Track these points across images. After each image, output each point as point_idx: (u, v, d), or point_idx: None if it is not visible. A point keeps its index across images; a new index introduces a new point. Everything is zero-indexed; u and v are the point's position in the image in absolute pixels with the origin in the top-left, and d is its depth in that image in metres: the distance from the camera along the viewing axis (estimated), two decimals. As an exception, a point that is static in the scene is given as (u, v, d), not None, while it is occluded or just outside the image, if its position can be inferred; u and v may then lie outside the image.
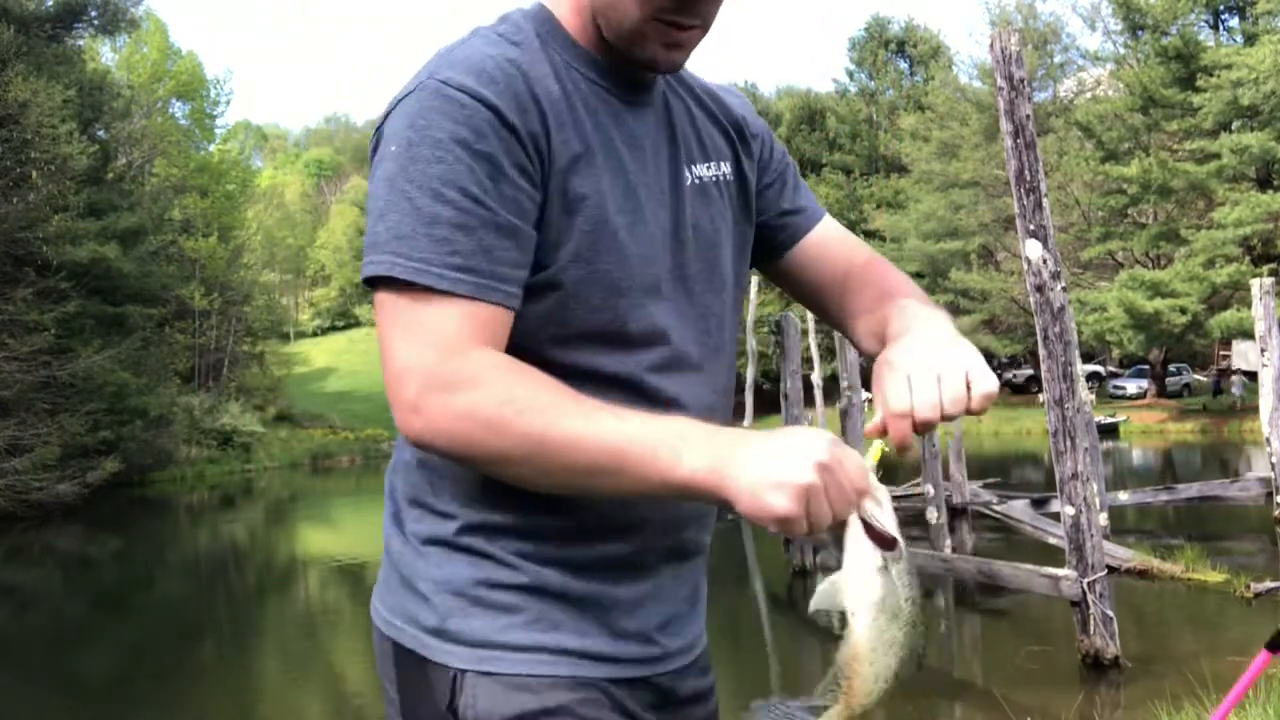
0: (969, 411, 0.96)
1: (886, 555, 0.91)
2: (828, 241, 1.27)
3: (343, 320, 68.17)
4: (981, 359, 0.99)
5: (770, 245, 1.26)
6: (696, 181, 1.13)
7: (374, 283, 0.97)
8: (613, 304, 1.03)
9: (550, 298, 1.01)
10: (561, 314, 1.02)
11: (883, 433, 0.96)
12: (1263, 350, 10.71)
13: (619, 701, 1.08)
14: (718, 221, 1.16)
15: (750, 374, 25.85)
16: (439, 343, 0.94)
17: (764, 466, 0.87)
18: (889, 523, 0.92)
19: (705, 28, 1.04)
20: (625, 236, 1.04)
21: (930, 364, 0.96)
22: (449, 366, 0.93)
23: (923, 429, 0.95)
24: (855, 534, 0.92)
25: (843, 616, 0.94)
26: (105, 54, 34.42)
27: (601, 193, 1.03)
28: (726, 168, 1.18)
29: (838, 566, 0.95)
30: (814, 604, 0.94)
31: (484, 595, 1.05)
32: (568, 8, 1.07)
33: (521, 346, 1.00)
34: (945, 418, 0.95)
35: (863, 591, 0.92)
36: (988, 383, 0.96)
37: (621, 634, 1.09)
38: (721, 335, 1.17)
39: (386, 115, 1.03)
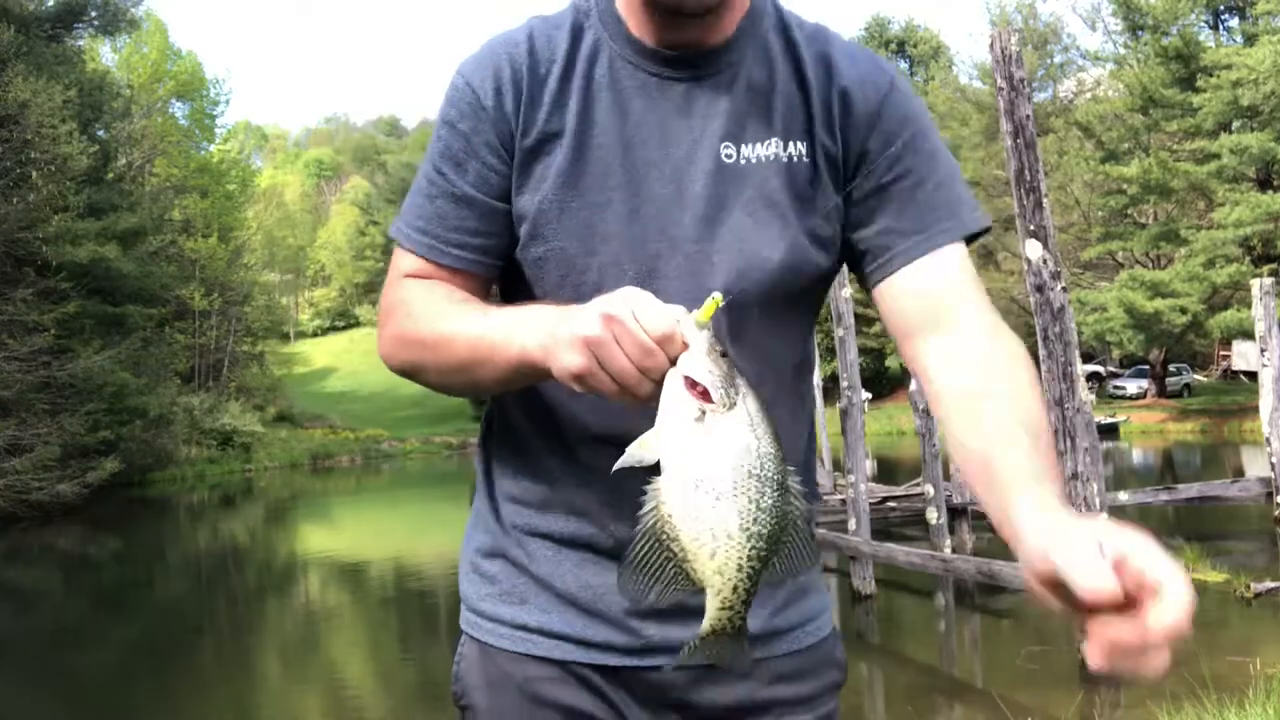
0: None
1: (705, 406, 0.84)
2: (937, 291, 1.04)
3: (343, 320, 68.20)
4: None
5: (861, 271, 1.09)
6: (743, 161, 1.04)
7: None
8: (572, 281, 1.05)
9: (526, 273, 1.08)
10: (539, 288, 1.08)
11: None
12: (1263, 350, 10.71)
13: (596, 687, 1.09)
14: (754, 205, 1.04)
15: (750, 374, 25.83)
16: (389, 285, 1.10)
17: (561, 326, 0.88)
18: (703, 371, 0.84)
19: None
20: (588, 214, 1.03)
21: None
22: (386, 300, 1.10)
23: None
24: (671, 385, 0.86)
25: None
26: (105, 54, 34.44)
27: (564, 171, 1.04)
28: (798, 147, 1.06)
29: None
30: (620, 463, 0.86)
31: (479, 563, 1.17)
32: None
33: None
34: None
35: (673, 445, 0.85)
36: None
37: (594, 617, 1.09)
38: (741, 325, 1.05)
39: None
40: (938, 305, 1.03)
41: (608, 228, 1.04)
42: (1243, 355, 28.51)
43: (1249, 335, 19.35)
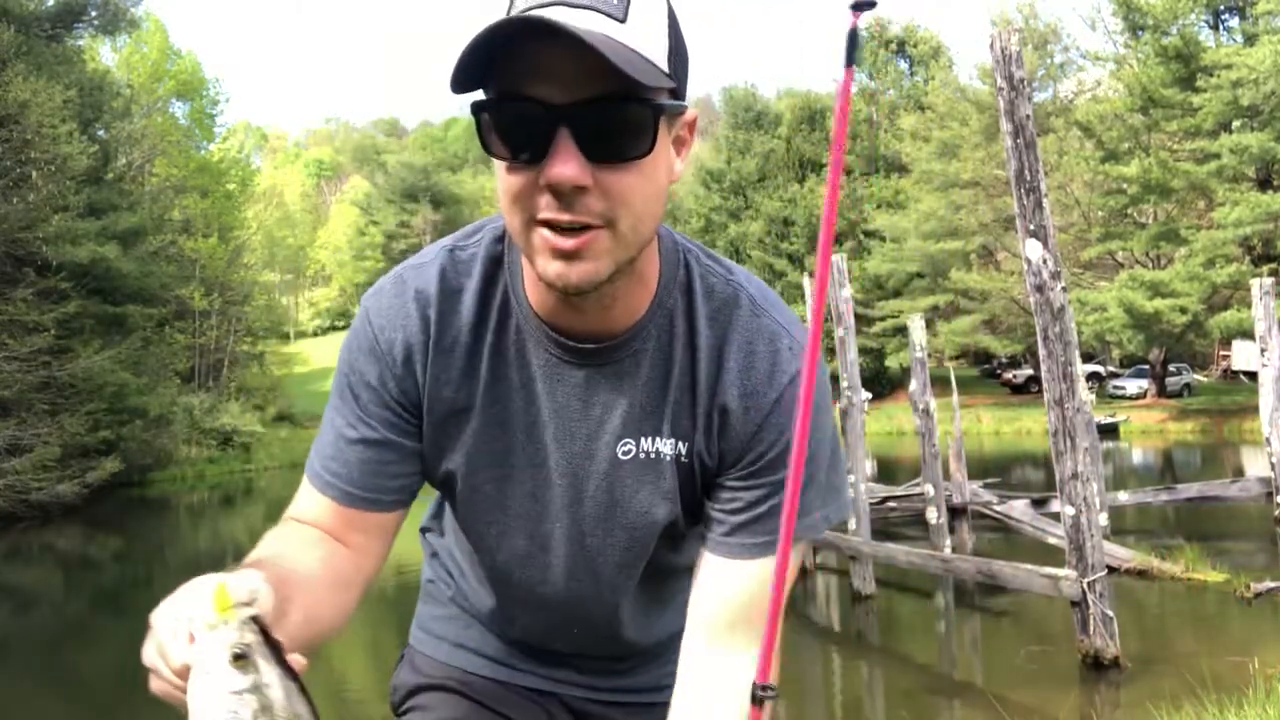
0: None
1: None
2: (720, 599, 1.08)
3: (343, 320, 68.25)
4: None
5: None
6: (641, 455, 1.08)
7: None
8: (477, 531, 1.16)
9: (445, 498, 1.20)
10: (453, 512, 1.20)
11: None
12: (1263, 350, 10.72)
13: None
14: (647, 497, 1.10)
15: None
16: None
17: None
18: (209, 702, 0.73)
19: (608, 224, 0.91)
20: (491, 489, 1.11)
21: None
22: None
23: None
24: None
25: None
26: (105, 54, 34.42)
27: (470, 447, 1.09)
28: (680, 447, 1.08)
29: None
30: None
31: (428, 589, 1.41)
32: None
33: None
34: None
35: None
36: None
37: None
38: (617, 624, 1.21)
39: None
40: (717, 613, 1.07)
41: (507, 504, 1.11)
42: (1243, 355, 28.50)
43: (1249, 335, 19.35)
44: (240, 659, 0.74)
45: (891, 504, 12.80)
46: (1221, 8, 31.51)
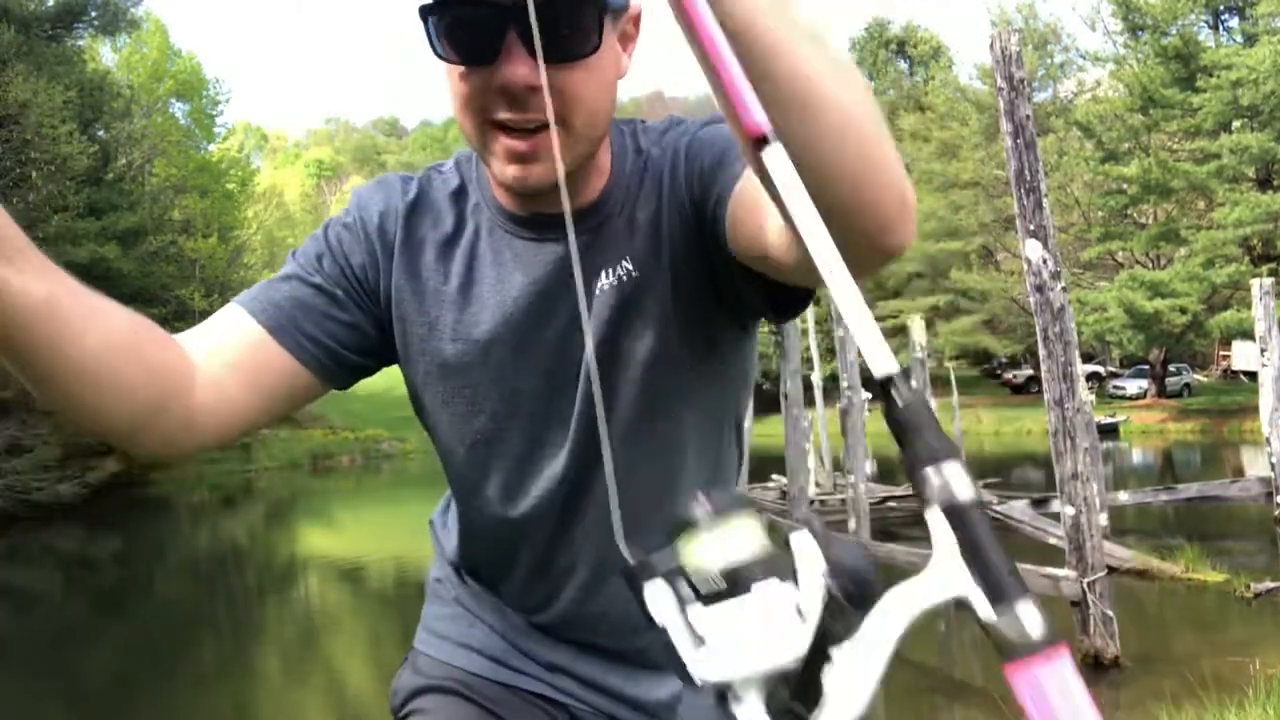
0: None
1: None
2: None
3: (343, 320, 68.20)
4: None
5: (733, 230, 0.96)
6: (616, 283, 1.06)
7: None
8: (462, 418, 1.15)
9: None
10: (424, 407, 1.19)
11: None
12: (1263, 350, 10.72)
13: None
14: (636, 329, 1.07)
15: (750, 374, 25.82)
16: None
17: None
18: None
19: (561, 122, 0.92)
20: (477, 376, 1.11)
21: None
22: None
23: None
24: None
25: None
26: (105, 54, 34.44)
27: (434, 330, 1.11)
28: (664, 258, 1.06)
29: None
30: None
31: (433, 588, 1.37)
32: None
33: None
34: None
35: None
36: None
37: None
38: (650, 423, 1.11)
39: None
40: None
41: (507, 396, 1.11)
42: (1243, 355, 28.50)
43: (1249, 335, 19.35)
44: None
45: (891, 504, 12.80)
46: (1221, 8, 31.52)
